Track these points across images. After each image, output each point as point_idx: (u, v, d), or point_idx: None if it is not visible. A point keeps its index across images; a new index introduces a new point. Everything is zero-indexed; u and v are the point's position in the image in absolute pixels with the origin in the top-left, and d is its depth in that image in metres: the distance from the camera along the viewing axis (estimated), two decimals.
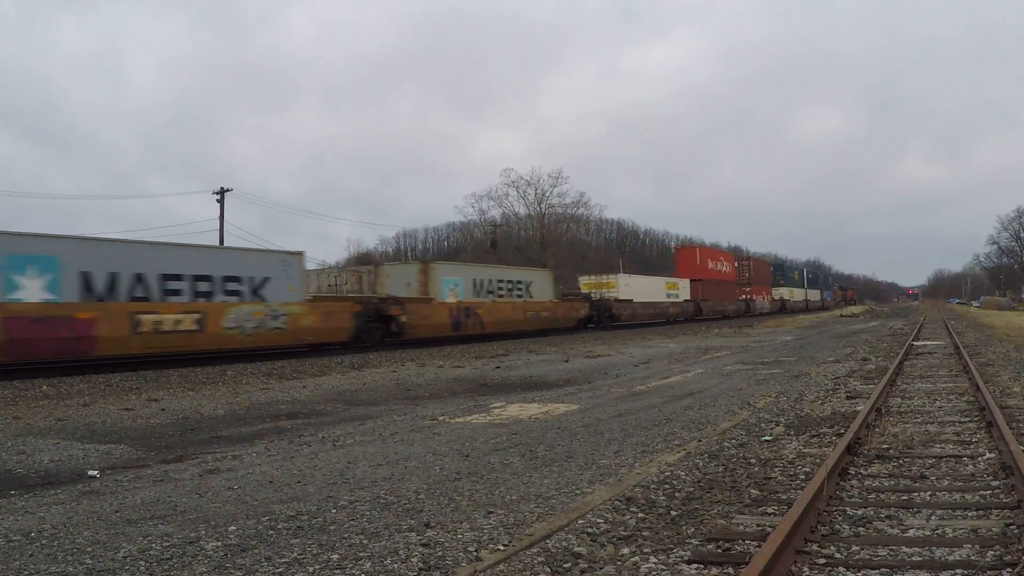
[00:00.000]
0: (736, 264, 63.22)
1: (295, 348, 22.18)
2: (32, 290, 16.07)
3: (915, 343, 23.31)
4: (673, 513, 5.10)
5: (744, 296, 61.07)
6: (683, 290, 49.63)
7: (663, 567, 4.05)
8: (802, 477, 5.96)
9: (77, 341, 16.59)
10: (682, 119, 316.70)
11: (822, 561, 4.06)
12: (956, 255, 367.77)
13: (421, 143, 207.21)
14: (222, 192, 44.28)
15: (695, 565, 4.07)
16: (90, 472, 6.95)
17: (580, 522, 4.85)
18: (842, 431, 7.74)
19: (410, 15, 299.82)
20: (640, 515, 5.04)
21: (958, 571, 3.86)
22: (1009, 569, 3.83)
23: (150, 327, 17.67)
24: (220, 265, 19.83)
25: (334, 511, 5.31)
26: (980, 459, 6.46)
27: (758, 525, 4.73)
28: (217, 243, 40.81)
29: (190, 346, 18.81)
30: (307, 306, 21.69)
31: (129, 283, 17.65)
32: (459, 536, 4.65)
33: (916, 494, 5.42)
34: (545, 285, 34.75)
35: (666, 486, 5.77)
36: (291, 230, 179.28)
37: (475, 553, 4.33)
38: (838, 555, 4.15)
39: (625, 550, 4.33)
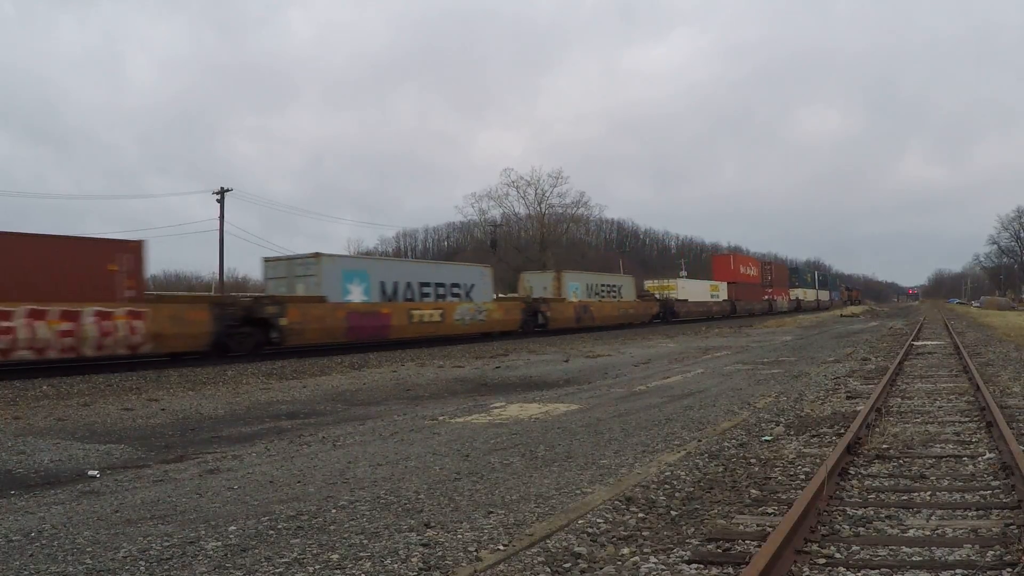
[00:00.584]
0: (761, 268, 71.23)
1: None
2: (356, 294, 24.22)
3: (915, 343, 23.31)
4: (673, 513, 5.09)
5: (767, 296, 68.84)
6: (722, 291, 57.66)
7: (663, 567, 4.05)
8: (802, 477, 5.96)
9: (381, 328, 24.86)
10: (682, 119, 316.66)
11: (822, 561, 4.06)
12: (956, 255, 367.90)
13: (421, 143, 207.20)
14: (222, 192, 44.25)
15: (695, 565, 4.07)
16: (90, 472, 6.96)
17: (580, 522, 4.85)
18: (842, 431, 7.74)
19: (410, 15, 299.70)
20: (640, 515, 5.04)
21: (958, 571, 3.86)
22: (1009, 569, 3.82)
23: (417, 319, 26.30)
24: (448, 275, 28.69)
25: (334, 511, 5.31)
26: (980, 459, 6.46)
27: (758, 525, 4.73)
28: (217, 243, 40.85)
29: (436, 332, 27.13)
30: (496, 304, 31.14)
31: (404, 289, 26.15)
32: (459, 536, 4.65)
33: (916, 494, 5.42)
34: (630, 288, 44.56)
35: (666, 486, 5.77)
36: (291, 230, 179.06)
37: (475, 553, 4.32)
38: (838, 555, 4.15)
39: (625, 550, 4.33)
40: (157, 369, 17.23)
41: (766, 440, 7.70)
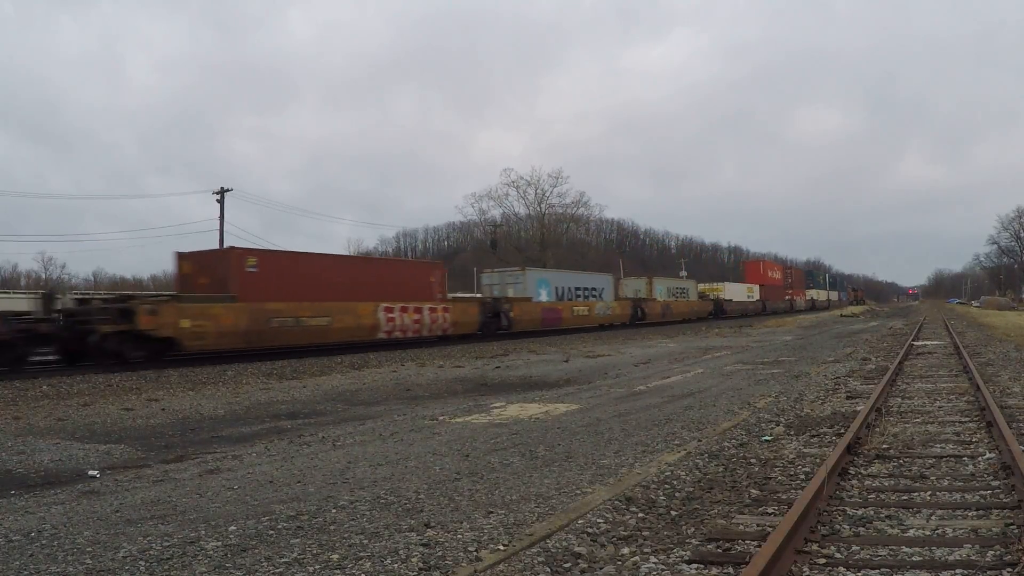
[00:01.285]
0: (783, 272, 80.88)
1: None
2: (544, 295, 35.62)
3: (915, 343, 23.31)
4: (673, 513, 5.09)
5: (788, 296, 77.80)
6: (755, 293, 67.02)
7: (663, 567, 4.05)
8: (802, 477, 5.96)
9: (557, 320, 35.53)
10: (682, 119, 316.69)
11: (822, 561, 4.06)
12: (956, 255, 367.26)
13: (421, 143, 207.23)
14: (222, 192, 44.24)
15: (695, 565, 4.07)
16: (90, 472, 6.96)
17: (580, 522, 4.85)
18: (842, 431, 7.74)
19: (410, 15, 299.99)
20: (640, 515, 5.04)
21: (958, 571, 3.86)
22: (1009, 569, 3.82)
23: (576, 313, 37.62)
24: (591, 282, 40.72)
25: (334, 511, 5.31)
26: (980, 459, 6.46)
27: (758, 525, 4.73)
28: (217, 243, 40.79)
29: (584, 323, 38.13)
30: (617, 302, 42.58)
31: (567, 291, 37.82)
32: (459, 536, 4.65)
33: (916, 494, 5.42)
34: (694, 290, 55.82)
35: (666, 486, 5.77)
36: (291, 230, 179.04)
37: (475, 553, 4.32)
38: (838, 555, 4.15)
39: (625, 550, 4.33)
40: (157, 369, 17.23)
41: (766, 440, 7.70)
